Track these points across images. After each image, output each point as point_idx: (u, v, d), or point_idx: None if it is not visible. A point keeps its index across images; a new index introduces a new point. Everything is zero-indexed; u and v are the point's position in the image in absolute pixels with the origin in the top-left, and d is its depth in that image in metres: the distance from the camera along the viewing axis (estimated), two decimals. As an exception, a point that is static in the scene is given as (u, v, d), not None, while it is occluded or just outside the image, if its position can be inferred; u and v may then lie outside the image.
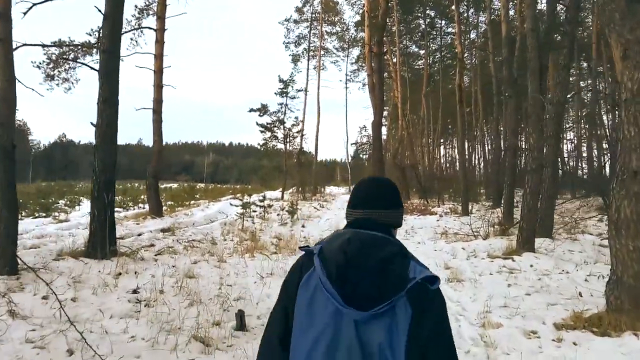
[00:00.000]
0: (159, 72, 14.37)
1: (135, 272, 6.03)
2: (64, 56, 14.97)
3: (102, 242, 6.60)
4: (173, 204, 18.62)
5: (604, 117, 23.62)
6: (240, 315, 4.28)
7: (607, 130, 20.08)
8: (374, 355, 1.04)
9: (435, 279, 1.10)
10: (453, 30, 35.37)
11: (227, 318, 4.46)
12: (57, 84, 15.59)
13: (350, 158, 55.64)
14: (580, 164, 27.06)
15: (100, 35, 8.80)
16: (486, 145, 40.71)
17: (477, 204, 20.17)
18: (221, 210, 18.38)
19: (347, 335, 1.06)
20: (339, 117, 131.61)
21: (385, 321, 1.04)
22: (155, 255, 7.53)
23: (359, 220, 1.25)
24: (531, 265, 7.28)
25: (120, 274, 5.92)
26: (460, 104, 16.20)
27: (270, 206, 17.38)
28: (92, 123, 7.30)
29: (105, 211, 6.90)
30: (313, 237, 12.09)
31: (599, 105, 22.02)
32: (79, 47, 14.70)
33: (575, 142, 30.35)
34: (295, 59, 40.33)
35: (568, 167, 26.80)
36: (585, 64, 27.68)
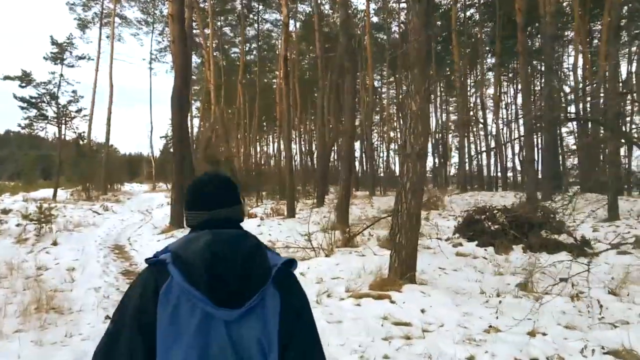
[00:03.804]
0: None
1: None
2: None
3: None
4: None
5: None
6: None
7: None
8: (252, 351, 0.98)
9: (292, 262, 1.10)
10: (271, 18, 33.38)
11: None
12: None
13: (159, 152, 48.91)
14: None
15: None
16: (301, 144, 39.62)
17: (298, 202, 17.80)
18: None
19: (221, 340, 0.98)
20: (146, 106, 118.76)
21: (258, 313, 1.00)
22: None
23: (213, 220, 1.15)
24: (422, 311, 4.35)
25: None
26: (286, 80, 13.11)
27: (7, 212, 11.29)
28: None
29: None
30: (57, 268, 7.12)
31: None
32: None
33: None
34: (83, 25, 32.27)
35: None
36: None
